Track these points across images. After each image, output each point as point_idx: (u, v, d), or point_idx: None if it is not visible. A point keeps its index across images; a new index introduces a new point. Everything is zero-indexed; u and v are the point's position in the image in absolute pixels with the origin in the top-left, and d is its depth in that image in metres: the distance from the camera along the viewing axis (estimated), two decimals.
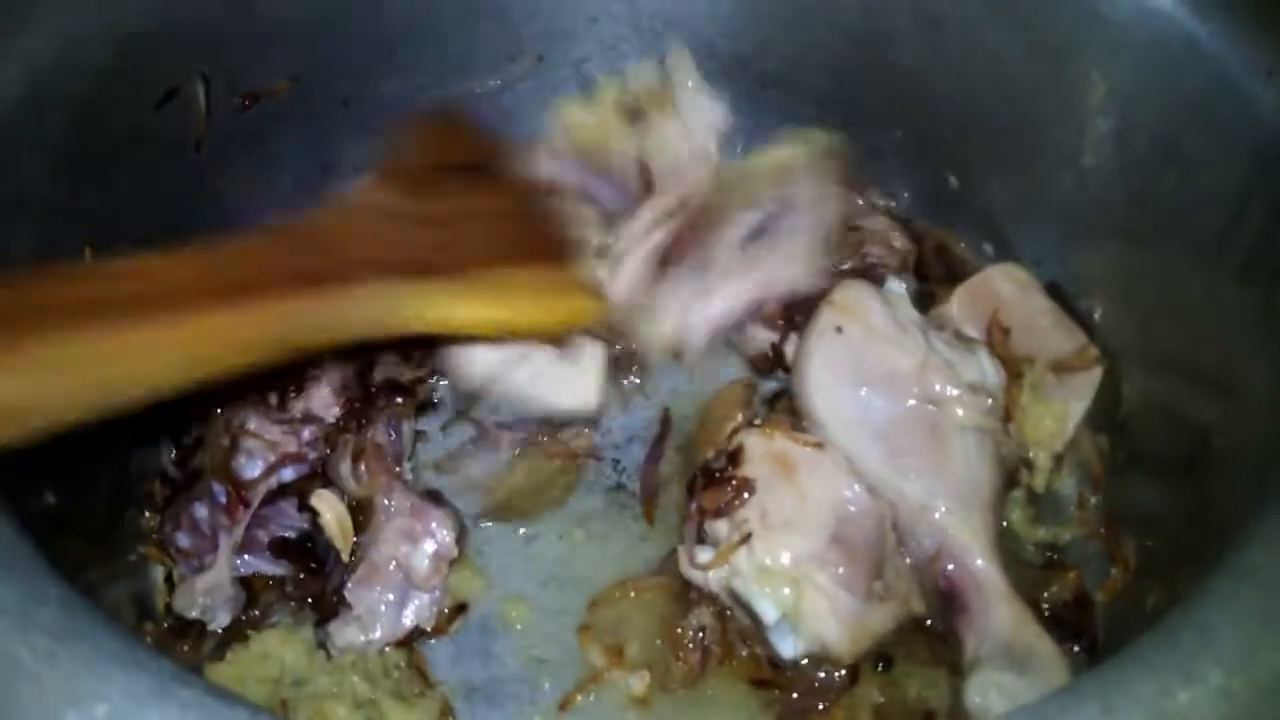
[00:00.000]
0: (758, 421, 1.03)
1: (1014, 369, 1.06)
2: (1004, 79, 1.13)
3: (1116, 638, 0.94)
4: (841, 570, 0.92)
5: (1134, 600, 0.96)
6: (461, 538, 1.01)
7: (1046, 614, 0.94)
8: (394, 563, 0.97)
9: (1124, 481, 1.05)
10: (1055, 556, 1.00)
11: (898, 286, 1.09)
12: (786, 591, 0.91)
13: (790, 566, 0.92)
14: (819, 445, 0.98)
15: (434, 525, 0.98)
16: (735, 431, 1.02)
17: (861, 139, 1.26)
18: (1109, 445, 1.07)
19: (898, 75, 1.21)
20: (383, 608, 0.97)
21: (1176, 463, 0.97)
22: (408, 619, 0.98)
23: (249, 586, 1.00)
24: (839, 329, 1.02)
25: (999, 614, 0.90)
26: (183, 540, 0.99)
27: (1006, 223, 1.20)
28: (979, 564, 0.93)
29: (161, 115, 1.04)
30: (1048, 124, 1.12)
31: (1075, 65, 1.07)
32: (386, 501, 0.99)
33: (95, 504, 0.99)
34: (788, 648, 0.93)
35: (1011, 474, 1.02)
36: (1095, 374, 1.08)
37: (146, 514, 1.04)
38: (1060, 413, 1.06)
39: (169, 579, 1.01)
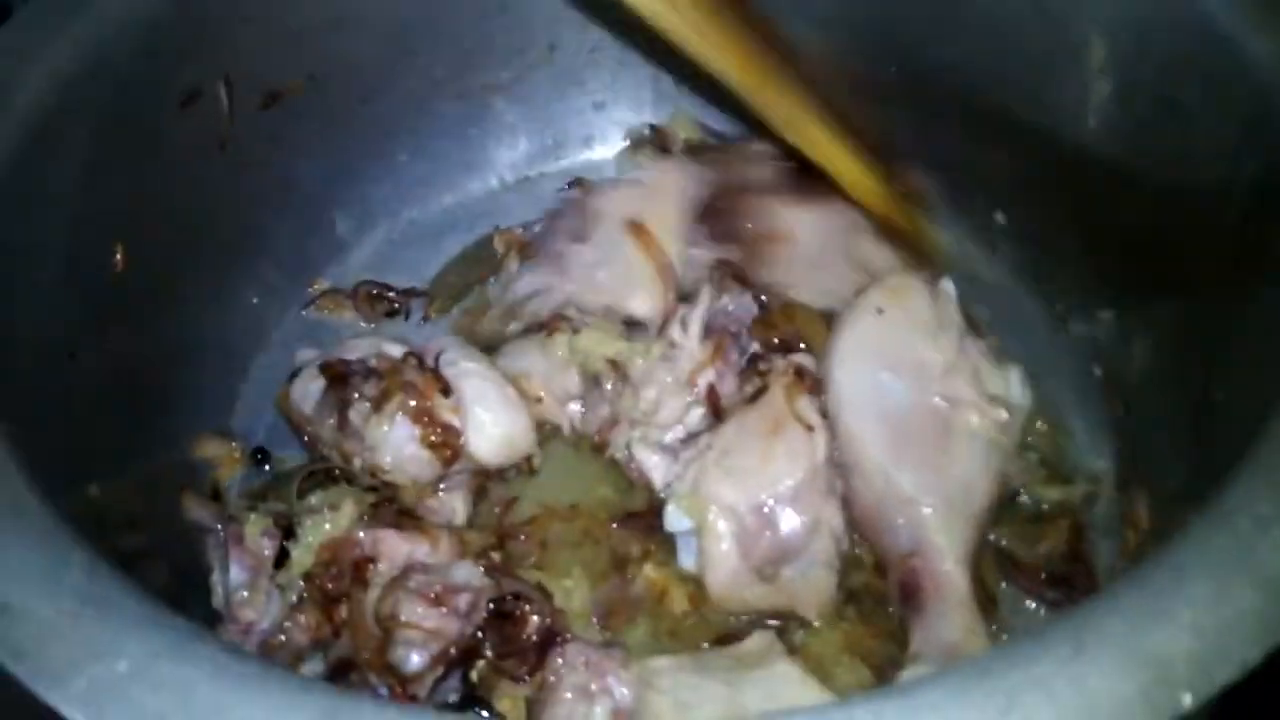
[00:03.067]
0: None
1: None
2: (1008, 44, 1.14)
3: None
4: (747, 536, 0.95)
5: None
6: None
7: (1043, 574, 0.95)
8: None
9: (1135, 441, 1.05)
10: (1047, 509, 1.00)
11: (950, 286, 1.09)
12: (696, 519, 0.97)
13: (709, 502, 0.96)
14: (810, 429, 0.98)
15: (611, 681, 0.90)
16: (764, 367, 1.04)
17: (866, 108, 1.27)
18: (1123, 406, 1.07)
19: (901, 43, 1.23)
20: None
21: (1183, 419, 0.97)
22: None
23: None
24: (880, 310, 1.03)
25: (952, 620, 0.90)
26: None
27: (1013, 189, 1.21)
28: (948, 568, 0.92)
29: (185, 117, 1.07)
30: (1052, 88, 1.12)
31: (1076, 28, 1.07)
32: (559, 661, 0.92)
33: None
34: (688, 560, 0.99)
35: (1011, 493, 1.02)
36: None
37: None
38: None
39: None
